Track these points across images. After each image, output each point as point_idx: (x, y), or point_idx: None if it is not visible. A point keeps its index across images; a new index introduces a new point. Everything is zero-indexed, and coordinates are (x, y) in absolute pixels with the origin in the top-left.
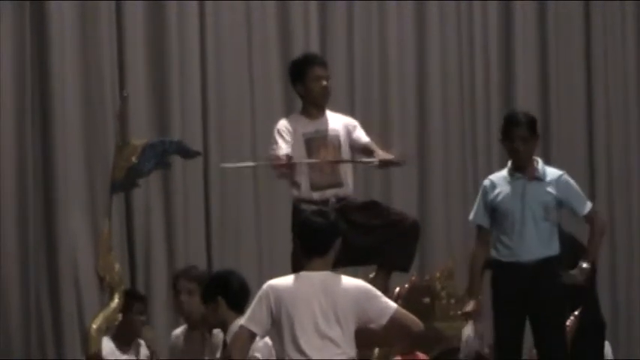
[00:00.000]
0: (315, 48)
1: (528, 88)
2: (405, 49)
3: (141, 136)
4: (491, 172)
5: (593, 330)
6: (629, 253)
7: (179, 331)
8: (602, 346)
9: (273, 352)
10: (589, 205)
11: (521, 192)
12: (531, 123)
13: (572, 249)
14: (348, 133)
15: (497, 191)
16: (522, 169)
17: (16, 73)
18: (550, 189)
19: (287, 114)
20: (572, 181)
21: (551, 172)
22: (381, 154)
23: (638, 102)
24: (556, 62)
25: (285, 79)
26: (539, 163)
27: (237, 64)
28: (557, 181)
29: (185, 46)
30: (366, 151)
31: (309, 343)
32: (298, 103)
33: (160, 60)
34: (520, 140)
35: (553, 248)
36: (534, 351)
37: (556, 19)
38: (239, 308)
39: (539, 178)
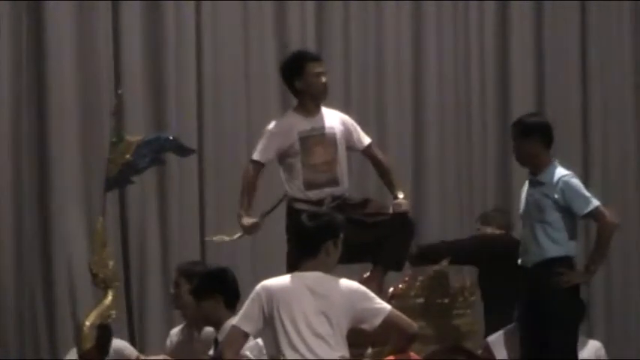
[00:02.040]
0: (311, 46)
1: (524, 88)
2: (401, 48)
3: (136, 132)
4: (487, 172)
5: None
6: (625, 255)
7: (177, 330)
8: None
9: (264, 352)
10: (592, 205)
11: (525, 195)
12: (518, 125)
13: None
14: (347, 132)
15: (522, 196)
16: (535, 172)
17: (12, 72)
18: (548, 191)
19: (283, 111)
20: (573, 182)
21: (557, 174)
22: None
23: (635, 102)
24: (551, 62)
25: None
26: (550, 166)
27: (233, 62)
28: (557, 183)
29: (181, 43)
30: (368, 153)
31: (302, 342)
32: (294, 101)
33: (156, 57)
34: (513, 141)
35: (550, 250)
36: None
37: (552, 18)
38: (234, 307)
39: (541, 181)
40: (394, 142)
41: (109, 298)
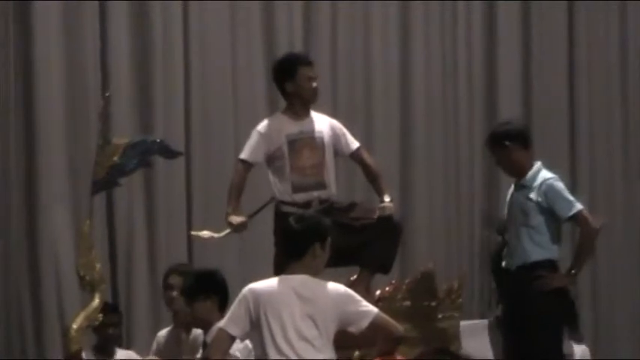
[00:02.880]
0: (299, 47)
1: (511, 89)
2: (388, 50)
3: (123, 135)
4: (474, 173)
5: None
6: (612, 256)
7: (164, 332)
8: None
9: (253, 354)
10: (575, 209)
11: (509, 200)
12: (492, 137)
13: None
14: (335, 136)
15: (507, 200)
16: (518, 178)
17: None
18: (532, 195)
19: (270, 113)
20: (556, 185)
21: (540, 177)
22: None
23: (621, 103)
24: (539, 62)
25: (269, 80)
26: (533, 170)
27: (220, 64)
28: (540, 186)
29: (168, 46)
30: (356, 157)
31: (288, 345)
32: (282, 102)
33: (144, 60)
34: (493, 156)
35: (533, 254)
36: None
37: (539, 18)
38: (225, 309)
39: (524, 185)
40: (381, 145)
41: (96, 301)
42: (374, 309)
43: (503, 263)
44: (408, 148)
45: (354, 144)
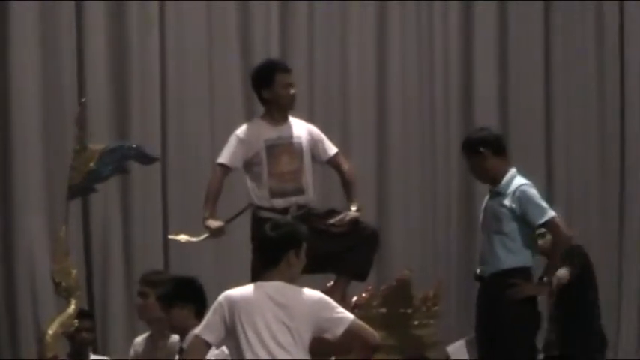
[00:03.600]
0: (275, 50)
1: (487, 89)
2: (365, 52)
3: (100, 141)
4: (450, 180)
5: None
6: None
7: (140, 339)
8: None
9: None
10: (548, 216)
11: (484, 207)
12: (467, 144)
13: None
14: (313, 142)
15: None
16: (492, 185)
17: None
18: (505, 201)
19: (247, 119)
20: (530, 192)
21: (514, 184)
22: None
23: (597, 106)
24: (515, 62)
25: (246, 84)
26: (507, 176)
27: (197, 69)
28: (514, 193)
29: (145, 49)
30: (333, 163)
31: (264, 351)
32: (259, 108)
33: (120, 65)
34: (467, 162)
35: (506, 261)
36: None
37: (516, 18)
38: (202, 316)
39: (499, 192)
40: (358, 149)
41: (72, 306)
42: (350, 315)
43: (478, 270)
44: (385, 151)
45: (332, 150)
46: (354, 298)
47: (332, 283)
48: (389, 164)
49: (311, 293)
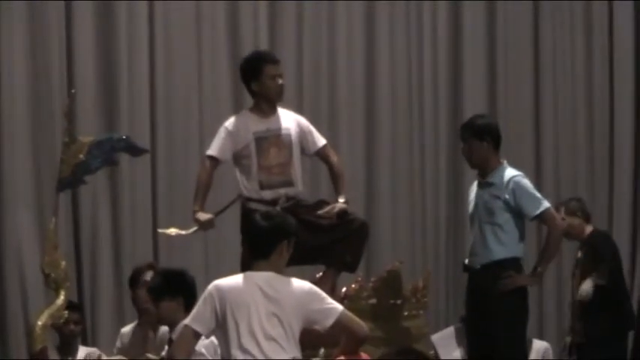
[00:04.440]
0: (263, 47)
1: (476, 87)
2: (354, 49)
3: (88, 133)
4: (439, 173)
5: None
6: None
7: (128, 328)
8: None
9: (219, 351)
10: (543, 207)
11: (474, 196)
12: (470, 127)
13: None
14: (301, 133)
15: (469, 197)
16: (484, 174)
17: None
18: (497, 192)
19: (235, 112)
20: (523, 183)
21: (507, 175)
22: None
23: (586, 103)
24: (504, 62)
25: (235, 78)
26: (500, 167)
27: (185, 62)
28: (507, 184)
29: (134, 43)
30: (322, 155)
31: (253, 343)
32: (247, 101)
33: (108, 57)
34: (463, 143)
35: (498, 252)
36: None
37: (504, 18)
38: (191, 310)
39: (490, 182)
40: (346, 142)
41: (61, 298)
42: (339, 307)
43: (466, 261)
44: (373, 147)
45: (321, 141)
46: (344, 290)
47: (321, 274)
48: (377, 158)
49: (301, 284)
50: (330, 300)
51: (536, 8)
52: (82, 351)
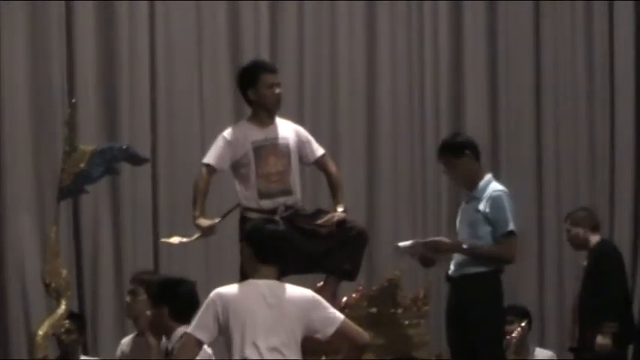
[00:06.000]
0: (264, 50)
1: (477, 94)
2: (354, 50)
3: (90, 142)
4: (440, 180)
5: None
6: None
7: (128, 339)
8: None
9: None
10: (508, 228)
11: (460, 211)
12: (447, 148)
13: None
14: (300, 143)
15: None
16: (472, 187)
17: None
18: (480, 206)
19: (236, 119)
20: (501, 199)
21: (490, 189)
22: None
23: (587, 103)
24: (505, 62)
25: (235, 84)
26: (483, 181)
27: (186, 68)
28: (488, 198)
29: (135, 51)
30: (320, 164)
31: (256, 351)
32: (247, 107)
33: (110, 65)
34: (444, 166)
35: (476, 265)
36: None
37: (505, 21)
38: (184, 319)
39: (475, 196)
40: (347, 150)
41: (62, 307)
42: (340, 316)
43: (449, 272)
44: (374, 151)
45: (319, 151)
46: (344, 298)
47: (322, 283)
48: (378, 165)
49: (304, 292)
50: (331, 309)
51: (537, 8)
52: None
